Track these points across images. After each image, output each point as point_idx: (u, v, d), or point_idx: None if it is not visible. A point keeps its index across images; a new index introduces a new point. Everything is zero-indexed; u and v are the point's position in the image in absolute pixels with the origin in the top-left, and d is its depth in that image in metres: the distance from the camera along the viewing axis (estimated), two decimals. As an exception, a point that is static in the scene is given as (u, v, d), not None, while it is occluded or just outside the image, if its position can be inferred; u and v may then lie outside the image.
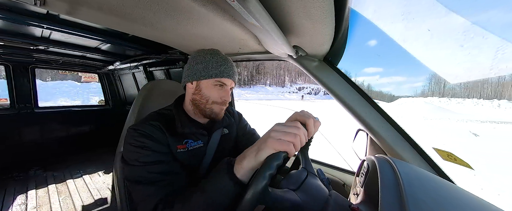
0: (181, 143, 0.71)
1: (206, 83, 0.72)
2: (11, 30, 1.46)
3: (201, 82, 0.73)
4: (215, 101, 0.73)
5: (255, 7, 0.44)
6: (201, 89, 0.73)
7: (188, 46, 1.13)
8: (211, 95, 0.73)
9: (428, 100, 41.58)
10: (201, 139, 0.77)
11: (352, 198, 0.69)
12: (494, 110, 30.43)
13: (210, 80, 0.72)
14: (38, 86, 2.68)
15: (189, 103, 0.77)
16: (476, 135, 9.09)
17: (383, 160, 0.55)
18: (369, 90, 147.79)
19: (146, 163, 0.59)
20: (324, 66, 0.88)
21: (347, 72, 3.73)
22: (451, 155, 0.75)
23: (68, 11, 0.76)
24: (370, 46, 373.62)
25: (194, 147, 0.74)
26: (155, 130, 0.66)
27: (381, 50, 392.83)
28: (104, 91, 3.40)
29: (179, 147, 0.70)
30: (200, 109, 0.75)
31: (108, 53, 2.14)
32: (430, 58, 3.08)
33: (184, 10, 0.66)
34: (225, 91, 0.74)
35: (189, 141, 0.73)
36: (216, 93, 0.73)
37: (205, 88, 0.72)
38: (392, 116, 0.81)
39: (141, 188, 0.57)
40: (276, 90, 78.03)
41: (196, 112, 0.77)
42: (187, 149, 0.72)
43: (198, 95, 0.74)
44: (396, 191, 0.41)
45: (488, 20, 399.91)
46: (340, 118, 11.53)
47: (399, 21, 27.13)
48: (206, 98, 0.73)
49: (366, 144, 0.89)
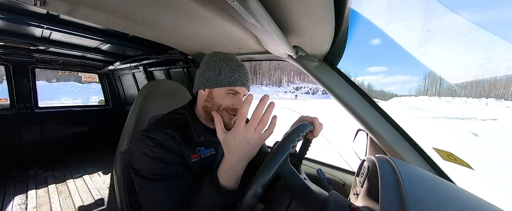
0: (194, 152, 0.69)
1: (219, 91, 0.69)
2: (11, 30, 1.46)
3: (214, 90, 0.70)
4: (226, 108, 0.70)
5: (255, 7, 0.44)
6: (213, 97, 0.70)
7: (188, 46, 1.13)
8: (223, 103, 0.70)
9: (418, 99, 42.74)
10: (213, 146, 0.75)
11: (352, 198, 0.69)
12: (481, 108, 31.40)
13: (223, 89, 0.69)
14: (43, 87, 2.68)
15: (202, 110, 0.74)
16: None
17: (383, 160, 0.55)
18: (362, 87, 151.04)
19: (159, 176, 0.58)
20: (324, 66, 0.88)
21: (348, 72, 3.83)
22: (451, 155, 0.75)
23: (68, 11, 0.76)
24: (373, 44, 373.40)
25: (206, 155, 0.72)
26: (169, 139, 0.64)
27: (383, 49, 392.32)
28: (104, 92, 3.39)
29: (193, 156, 0.68)
30: (211, 116, 0.70)
31: (108, 53, 2.14)
32: (431, 58, 3.09)
33: (184, 10, 0.66)
34: (238, 100, 0.71)
35: (201, 148, 0.71)
36: (228, 101, 0.70)
37: (218, 96, 0.69)
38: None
39: (152, 198, 0.57)
40: (272, 90, 78.15)
41: (208, 119, 0.74)
42: (200, 157, 0.70)
43: (210, 103, 0.70)
44: (396, 191, 0.41)
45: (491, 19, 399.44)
46: (335, 116, 12.02)
47: (399, 21, 27.21)
48: (218, 105, 0.70)
49: (366, 144, 0.89)
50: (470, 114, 23.63)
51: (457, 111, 27.20)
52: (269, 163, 0.44)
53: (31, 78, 2.55)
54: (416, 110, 24.37)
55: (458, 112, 25.73)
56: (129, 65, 2.36)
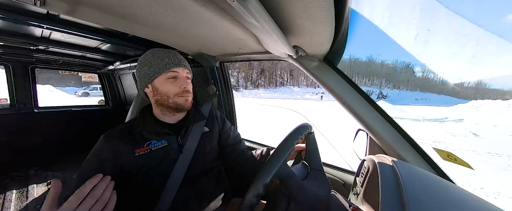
0: (141, 146, 0.73)
1: (159, 81, 0.74)
2: (11, 30, 1.46)
3: (154, 82, 0.74)
4: (176, 94, 0.74)
5: (255, 7, 0.44)
6: (158, 88, 0.74)
7: (188, 46, 1.13)
8: (169, 90, 0.74)
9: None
10: (166, 139, 0.77)
11: (352, 198, 0.69)
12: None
13: (161, 77, 0.73)
14: (53, 92, 2.67)
15: (155, 107, 0.79)
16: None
17: (383, 160, 0.55)
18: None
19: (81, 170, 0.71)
20: (324, 66, 0.88)
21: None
22: (451, 155, 0.75)
23: (68, 11, 0.75)
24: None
25: (158, 147, 0.75)
26: (107, 150, 0.72)
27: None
28: (104, 92, 3.39)
29: (137, 150, 0.72)
30: (166, 106, 0.76)
31: (108, 53, 2.14)
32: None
33: (184, 10, 0.66)
34: (182, 80, 0.75)
35: (152, 142, 0.74)
36: (173, 86, 0.74)
37: (161, 86, 0.74)
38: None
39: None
40: (303, 91, 78.32)
41: (164, 112, 0.79)
42: (150, 150, 0.73)
43: (158, 95, 0.75)
44: (396, 191, 0.41)
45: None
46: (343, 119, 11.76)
47: (399, 21, 27.04)
48: (166, 94, 0.74)
49: (366, 144, 0.89)
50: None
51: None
52: (270, 163, 0.45)
53: (31, 78, 2.55)
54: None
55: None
56: (129, 65, 2.35)
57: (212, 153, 0.90)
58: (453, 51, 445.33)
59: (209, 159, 0.87)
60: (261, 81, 75.48)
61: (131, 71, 2.74)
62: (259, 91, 66.93)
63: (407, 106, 44.84)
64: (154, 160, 0.73)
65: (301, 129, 0.56)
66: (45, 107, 2.80)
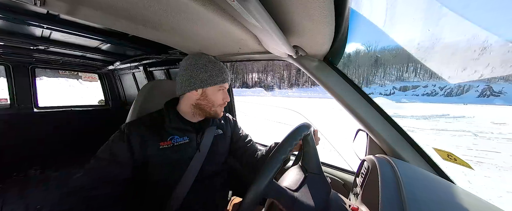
0: (165, 140, 0.77)
1: (212, 89, 0.81)
2: (11, 30, 1.46)
3: (208, 89, 0.80)
4: (220, 104, 0.83)
5: (255, 7, 0.44)
6: (208, 95, 0.81)
7: (188, 46, 1.13)
8: (216, 99, 0.82)
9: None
10: (187, 135, 0.82)
11: (352, 198, 0.69)
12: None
13: (215, 87, 0.81)
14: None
15: (190, 107, 0.83)
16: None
17: (383, 160, 0.55)
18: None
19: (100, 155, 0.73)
20: (324, 66, 0.88)
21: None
22: (451, 155, 0.75)
23: (68, 11, 0.76)
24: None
25: (180, 143, 0.79)
26: (134, 138, 0.74)
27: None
28: (104, 91, 3.39)
29: (162, 143, 0.76)
30: (205, 111, 0.83)
31: (108, 53, 2.14)
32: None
33: (184, 10, 0.66)
34: (225, 93, 0.86)
35: (175, 137, 0.79)
36: (220, 97, 0.83)
37: (212, 94, 0.81)
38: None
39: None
40: (321, 89, 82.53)
41: (195, 114, 0.85)
42: (173, 144, 0.78)
43: (205, 100, 0.81)
44: (396, 191, 0.41)
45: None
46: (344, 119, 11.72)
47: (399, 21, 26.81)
48: (212, 102, 0.82)
49: (366, 144, 0.89)
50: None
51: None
52: (267, 168, 0.44)
53: (31, 78, 2.55)
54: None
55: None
56: (129, 65, 2.35)
57: (224, 154, 0.95)
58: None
59: (221, 160, 0.92)
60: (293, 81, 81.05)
61: (131, 71, 2.74)
62: (288, 91, 72.24)
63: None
64: (175, 155, 0.77)
65: (299, 130, 0.55)
66: (45, 107, 2.80)
